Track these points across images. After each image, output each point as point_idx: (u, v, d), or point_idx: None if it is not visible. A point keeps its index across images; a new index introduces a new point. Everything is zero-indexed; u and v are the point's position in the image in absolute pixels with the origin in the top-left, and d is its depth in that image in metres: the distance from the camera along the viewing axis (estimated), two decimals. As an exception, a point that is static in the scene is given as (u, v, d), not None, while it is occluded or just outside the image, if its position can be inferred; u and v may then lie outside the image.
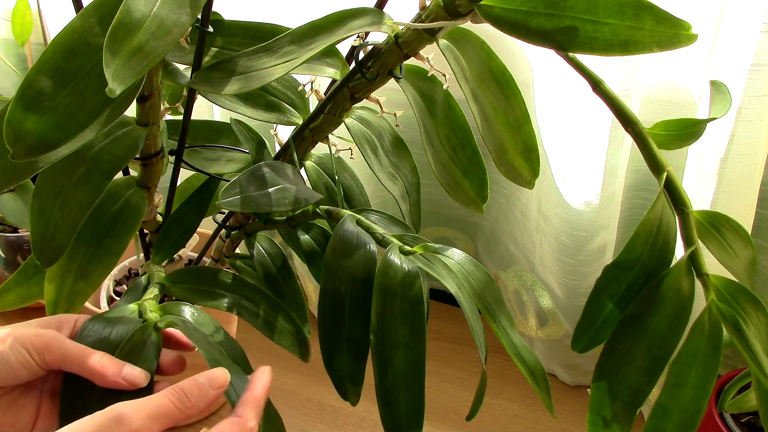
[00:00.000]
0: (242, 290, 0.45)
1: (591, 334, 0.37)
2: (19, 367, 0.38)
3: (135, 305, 0.43)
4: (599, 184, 0.60)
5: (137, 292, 0.47)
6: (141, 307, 0.43)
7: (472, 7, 0.34)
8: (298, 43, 0.37)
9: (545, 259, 0.70)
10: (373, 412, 0.72)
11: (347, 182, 0.51)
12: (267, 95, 0.47)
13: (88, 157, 0.41)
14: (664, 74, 0.62)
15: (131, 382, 0.38)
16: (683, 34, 0.30)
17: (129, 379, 0.38)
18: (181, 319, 0.42)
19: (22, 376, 0.38)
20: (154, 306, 0.43)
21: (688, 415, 0.35)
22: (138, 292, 0.47)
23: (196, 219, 0.52)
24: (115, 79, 0.28)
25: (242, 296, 0.45)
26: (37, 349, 0.38)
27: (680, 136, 0.36)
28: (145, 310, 0.43)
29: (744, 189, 0.56)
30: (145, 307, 0.43)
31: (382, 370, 0.36)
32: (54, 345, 0.38)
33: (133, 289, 0.47)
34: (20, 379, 0.38)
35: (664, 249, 0.36)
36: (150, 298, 0.44)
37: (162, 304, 0.44)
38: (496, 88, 0.43)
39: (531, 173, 0.47)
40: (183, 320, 0.42)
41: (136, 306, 0.43)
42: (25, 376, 0.38)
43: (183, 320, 0.42)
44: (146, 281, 0.47)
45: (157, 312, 0.42)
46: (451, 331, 0.88)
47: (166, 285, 0.46)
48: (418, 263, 0.37)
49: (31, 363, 0.38)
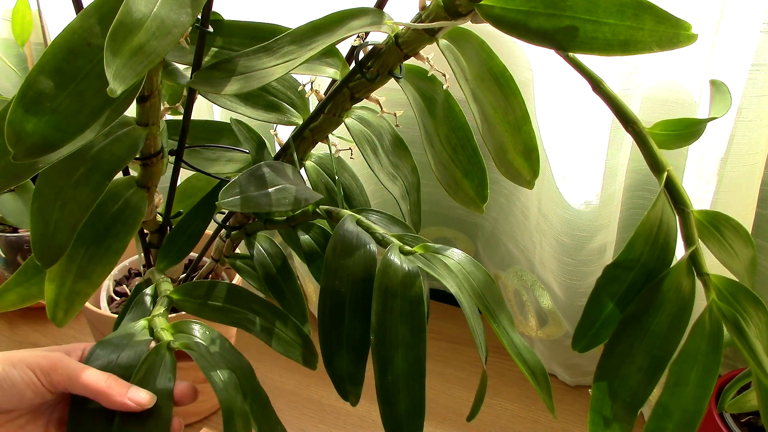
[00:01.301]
0: (250, 304, 0.46)
1: (591, 334, 0.37)
2: (25, 388, 0.38)
3: (145, 321, 0.43)
4: (599, 184, 0.60)
5: (144, 305, 0.47)
6: (151, 323, 0.43)
7: (472, 7, 0.34)
8: (298, 43, 0.37)
9: (545, 259, 0.70)
10: (373, 412, 0.72)
11: (347, 182, 0.51)
12: (267, 95, 0.47)
13: (88, 157, 0.41)
14: (664, 74, 0.62)
15: (137, 402, 0.38)
16: (683, 34, 0.30)
17: (135, 399, 0.38)
18: (195, 342, 0.42)
19: (28, 397, 0.38)
20: (165, 323, 0.43)
21: (688, 415, 0.35)
22: (144, 306, 0.47)
23: (202, 226, 0.52)
24: (116, 79, 0.28)
25: (250, 310, 0.45)
26: (44, 369, 0.38)
27: (680, 135, 0.36)
28: (155, 327, 0.43)
29: (744, 189, 0.56)
30: (156, 324, 0.43)
31: (383, 370, 0.36)
32: (60, 365, 0.38)
33: (140, 302, 0.47)
34: (26, 401, 0.38)
35: (664, 249, 0.36)
36: (159, 314, 0.44)
37: (174, 322, 0.44)
38: (496, 88, 0.43)
39: (531, 173, 0.47)
40: (197, 343, 0.42)
41: (146, 322, 0.43)
42: (31, 398, 0.38)
43: (197, 343, 0.42)
44: (152, 291, 0.47)
45: (168, 330, 0.43)
46: (451, 331, 0.88)
47: (174, 298, 0.46)
48: (418, 263, 0.37)
49: (37, 384, 0.38)
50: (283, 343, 0.46)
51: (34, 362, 0.38)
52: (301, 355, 0.46)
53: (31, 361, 0.38)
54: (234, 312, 0.45)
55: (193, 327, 0.43)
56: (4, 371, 0.38)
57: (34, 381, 0.38)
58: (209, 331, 0.43)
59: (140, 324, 0.43)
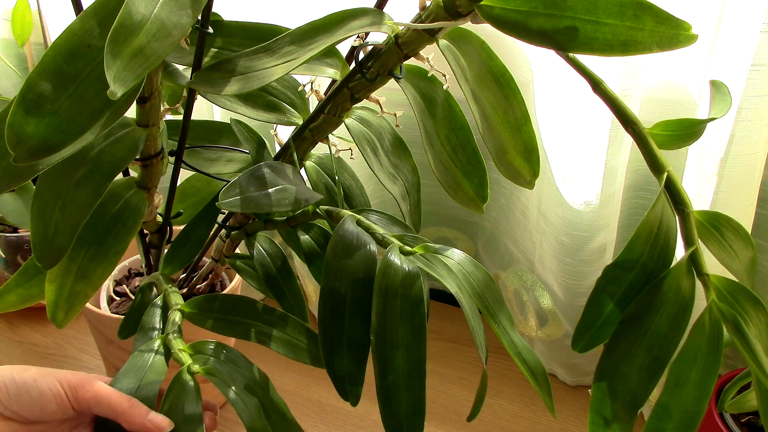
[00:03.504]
0: (261, 316, 0.46)
1: (591, 334, 0.37)
2: (51, 399, 0.39)
3: (159, 340, 0.44)
4: (599, 184, 0.60)
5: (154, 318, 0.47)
6: (167, 342, 0.43)
7: (472, 8, 0.34)
8: (298, 43, 0.37)
9: (545, 259, 0.70)
10: (373, 412, 0.72)
11: (347, 182, 0.51)
12: (267, 95, 0.47)
13: (88, 158, 0.41)
14: (664, 74, 0.62)
15: (156, 425, 0.40)
16: (683, 35, 0.30)
17: (155, 422, 0.40)
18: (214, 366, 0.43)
19: (51, 409, 0.39)
20: (182, 344, 0.43)
21: (688, 415, 0.35)
22: (155, 318, 0.47)
23: (206, 232, 0.52)
24: (116, 81, 0.28)
25: (263, 322, 0.46)
26: (71, 384, 0.40)
27: (680, 136, 0.36)
28: (173, 349, 0.43)
29: (744, 189, 0.56)
30: (173, 345, 0.43)
31: (383, 371, 0.36)
32: (88, 382, 0.40)
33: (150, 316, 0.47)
34: (48, 412, 0.39)
35: (664, 249, 0.36)
36: (174, 331, 0.44)
37: (190, 343, 0.44)
38: (496, 88, 0.43)
39: (531, 173, 0.47)
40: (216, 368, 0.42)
41: (161, 341, 0.44)
42: (54, 410, 0.39)
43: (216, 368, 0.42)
44: (162, 303, 0.47)
45: (186, 351, 0.43)
46: (451, 331, 0.88)
47: (186, 311, 0.46)
48: (419, 263, 0.37)
49: (63, 398, 0.39)
50: (296, 350, 0.46)
51: (63, 377, 0.40)
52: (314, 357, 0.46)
53: (60, 375, 0.40)
54: (247, 324, 0.46)
55: (209, 347, 0.44)
56: (33, 379, 0.39)
57: (60, 394, 0.39)
58: (226, 350, 0.44)
59: (156, 344, 0.44)
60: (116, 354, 0.63)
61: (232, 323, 0.46)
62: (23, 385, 0.38)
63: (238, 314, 0.46)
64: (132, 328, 0.48)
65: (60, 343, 0.83)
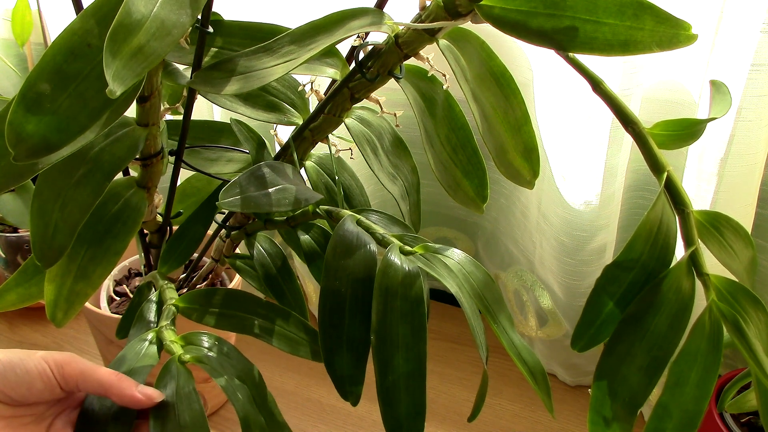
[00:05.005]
0: (257, 309, 0.46)
1: (591, 334, 0.37)
2: (37, 377, 0.38)
3: (153, 333, 0.44)
4: (599, 184, 0.60)
5: (149, 313, 0.47)
6: (160, 335, 0.43)
7: (472, 7, 0.34)
8: (298, 43, 0.37)
9: (545, 259, 0.70)
10: (373, 412, 0.72)
11: (347, 182, 0.51)
12: (267, 95, 0.47)
13: (88, 157, 0.41)
14: (664, 74, 0.62)
15: (147, 396, 0.39)
16: (683, 34, 0.30)
17: (145, 393, 0.39)
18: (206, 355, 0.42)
19: (38, 388, 0.38)
20: (174, 336, 0.43)
21: (688, 415, 0.35)
22: (150, 313, 0.47)
23: (203, 230, 0.52)
24: (115, 80, 0.28)
25: (257, 315, 0.46)
26: (57, 362, 0.39)
27: (680, 136, 0.36)
28: (164, 340, 0.43)
29: (744, 189, 0.56)
30: (165, 337, 0.43)
31: (383, 371, 0.36)
32: (73, 360, 0.40)
33: (145, 311, 0.47)
34: (35, 392, 0.39)
35: (664, 249, 0.36)
36: (167, 325, 0.44)
37: (183, 334, 0.44)
38: (496, 88, 0.43)
39: (531, 173, 0.47)
40: (208, 356, 0.42)
41: (154, 333, 0.44)
42: (40, 389, 0.39)
43: (208, 356, 0.42)
44: (157, 298, 0.47)
45: (178, 342, 0.43)
46: (451, 331, 0.88)
47: (180, 306, 0.46)
48: (419, 263, 0.37)
49: (50, 375, 0.39)
50: (292, 343, 0.46)
51: (49, 356, 0.39)
52: (310, 351, 0.46)
53: (46, 355, 0.39)
54: (242, 318, 0.45)
55: (202, 338, 0.44)
56: (19, 358, 0.38)
57: (47, 371, 0.39)
58: (218, 342, 0.43)
59: (149, 336, 0.44)
60: (116, 354, 0.63)
61: (227, 317, 0.45)
62: (8, 364, 0.38)
63: (233, 308, 0.46)
64: (130, 328, 0.48)
65: (60, 343, 0.83)
